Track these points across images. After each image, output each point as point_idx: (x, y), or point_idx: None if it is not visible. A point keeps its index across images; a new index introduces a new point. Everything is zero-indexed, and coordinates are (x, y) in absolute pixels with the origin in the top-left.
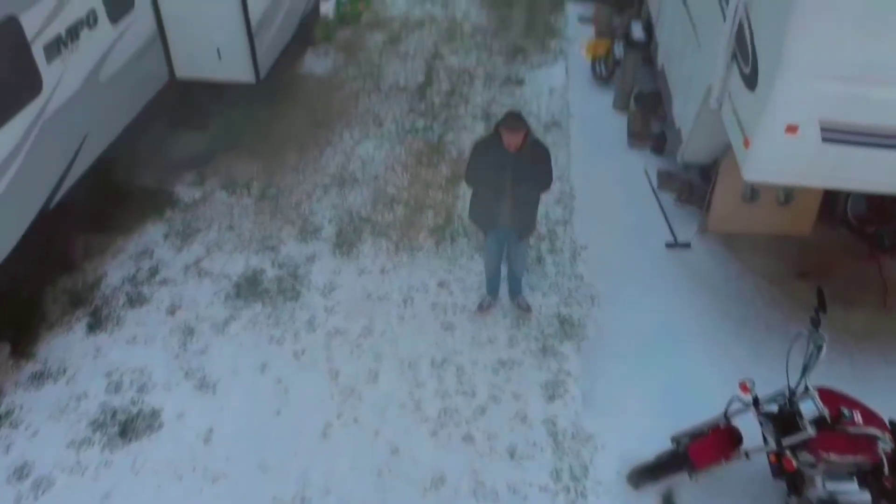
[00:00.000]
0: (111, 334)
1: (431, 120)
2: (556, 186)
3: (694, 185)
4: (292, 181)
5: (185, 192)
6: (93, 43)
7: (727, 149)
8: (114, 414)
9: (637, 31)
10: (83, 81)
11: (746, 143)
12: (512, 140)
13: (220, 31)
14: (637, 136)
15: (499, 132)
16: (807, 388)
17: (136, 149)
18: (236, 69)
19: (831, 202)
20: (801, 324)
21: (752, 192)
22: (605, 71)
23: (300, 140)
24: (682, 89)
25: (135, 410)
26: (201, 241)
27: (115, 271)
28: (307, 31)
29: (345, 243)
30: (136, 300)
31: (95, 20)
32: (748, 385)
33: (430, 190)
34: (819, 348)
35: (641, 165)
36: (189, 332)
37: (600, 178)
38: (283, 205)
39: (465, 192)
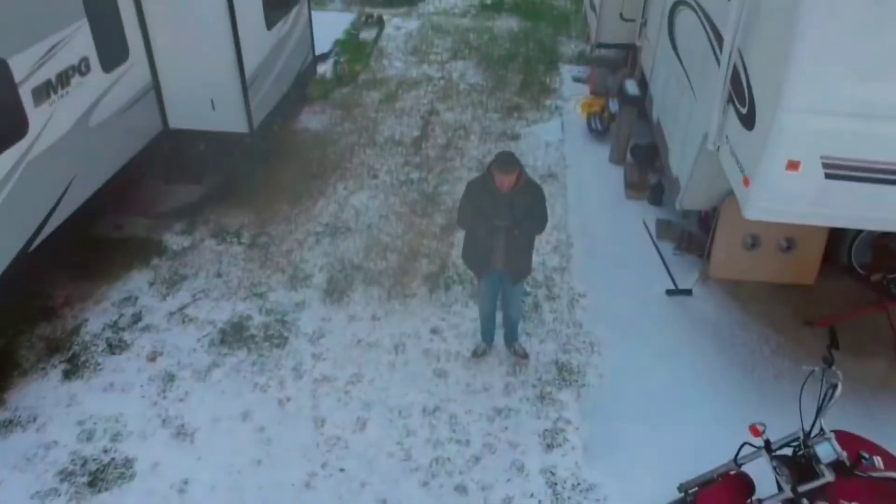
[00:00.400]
0: (87, 381)
1: (427, 172)
2: (552, 235)
3: (693, 234)
4: (284, 230)
5: (174, 240)
6: (84, 89)
7: (725, 195)
8: (84, 463)
9: (632, 88)
10: (72, 126)
11: (746, 183)
12: (504, 180)
13: (214, 81)
14: (634, 187)
15: (491, 173)
16: (822, 431)
17: (126, 197)
18: (230, 119)
19: (835, 251)
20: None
21: (754, 240)
22: (600, 125)
23: (294, 191)
24: (678, 138)
25: (106, 460)
26: (188, 288)
27: (96, 318)
28: (303, 87)
29: (335, 290)
30: (115, 346)
31: (88, 68)
32: (759, 428)
33: (425, 238)
34: (833, 387)
35: (639, 216)
36: (169, 379)
37: (598, 227)
38: (274, 253)
39: (459, 240)
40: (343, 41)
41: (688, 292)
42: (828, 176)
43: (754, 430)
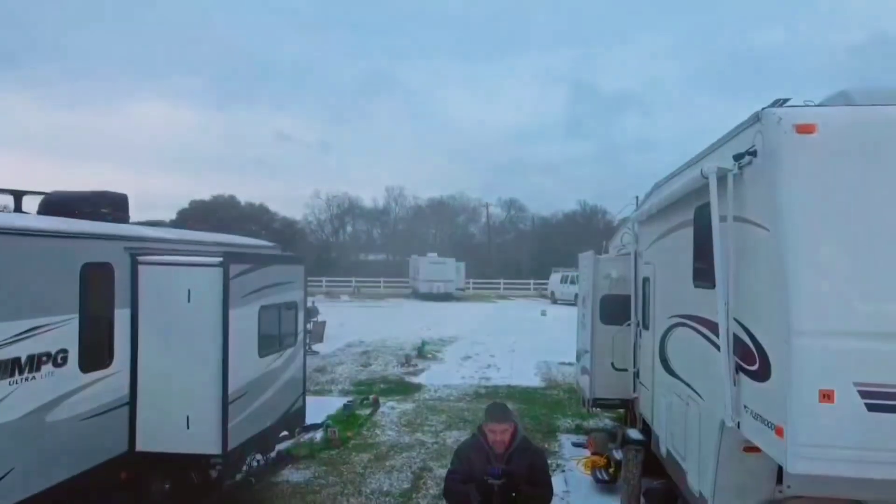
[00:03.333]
0: None
1: None
2: None
3: None
4: None
5: None
6: (53, 381)
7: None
8: None
9: (634, 434)
10: (26, 413)
11: (780, 433)
12: (498, 434)
13: (195, 396)
14: None
15: (482, 430)
16: None
17: None
18: (203, 439)
19: None
20: None
21: None
22: (606, 475)
23: None
24: (693, 451)
25: None
26: None
27: None
28: (288, 429)
29: None
30: None
31: (64, 361)
32: None
33: None
34: None
35: None
36: None
37: None
38: None
39: None
40: (336, 415)
41: None
42: (870, 408)
43: None
